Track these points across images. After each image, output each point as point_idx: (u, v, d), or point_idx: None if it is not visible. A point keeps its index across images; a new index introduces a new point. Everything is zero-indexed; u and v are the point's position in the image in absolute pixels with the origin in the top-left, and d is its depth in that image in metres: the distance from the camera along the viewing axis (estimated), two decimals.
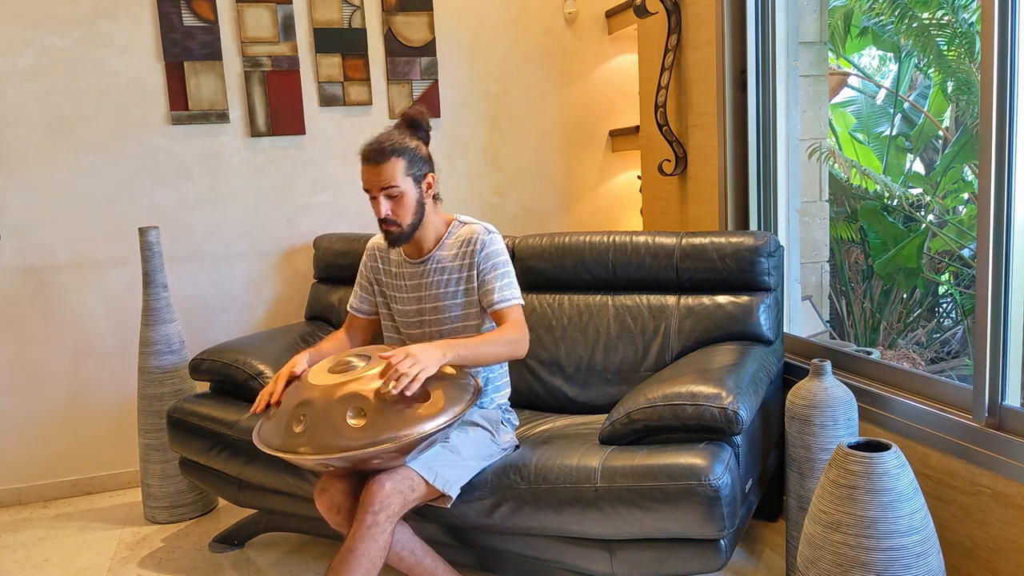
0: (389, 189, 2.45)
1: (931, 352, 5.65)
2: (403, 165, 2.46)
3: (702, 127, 3.39)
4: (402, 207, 2.49)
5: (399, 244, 2.57)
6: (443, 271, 2.60)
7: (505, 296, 2.54)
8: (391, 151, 2.45)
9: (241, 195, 3.78)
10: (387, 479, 2.21)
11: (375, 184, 2.47)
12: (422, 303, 2.63)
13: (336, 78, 3.80)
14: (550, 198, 4.22)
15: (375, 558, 2.17)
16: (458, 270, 2.58)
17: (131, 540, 3.25)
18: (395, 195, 2.47)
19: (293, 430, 2.20)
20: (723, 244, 2.91)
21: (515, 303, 2.55)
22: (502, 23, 4.02)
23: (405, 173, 2.47)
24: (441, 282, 2.60)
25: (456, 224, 2.65)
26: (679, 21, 3.45)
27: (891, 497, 1.86)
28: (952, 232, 5.59)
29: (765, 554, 2.88)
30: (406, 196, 2.48)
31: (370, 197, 2.51)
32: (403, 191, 2.47)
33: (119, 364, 3.72)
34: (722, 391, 2.31)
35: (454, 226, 2.65)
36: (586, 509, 2.26)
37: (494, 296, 2.53)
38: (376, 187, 2.47)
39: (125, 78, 3.58)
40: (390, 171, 2.45)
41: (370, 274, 2.78)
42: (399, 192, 2.46)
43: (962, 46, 5.04)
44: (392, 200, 2.48)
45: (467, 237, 2.59)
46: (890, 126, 6.23)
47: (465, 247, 2.58)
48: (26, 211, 3.53)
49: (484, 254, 2.56)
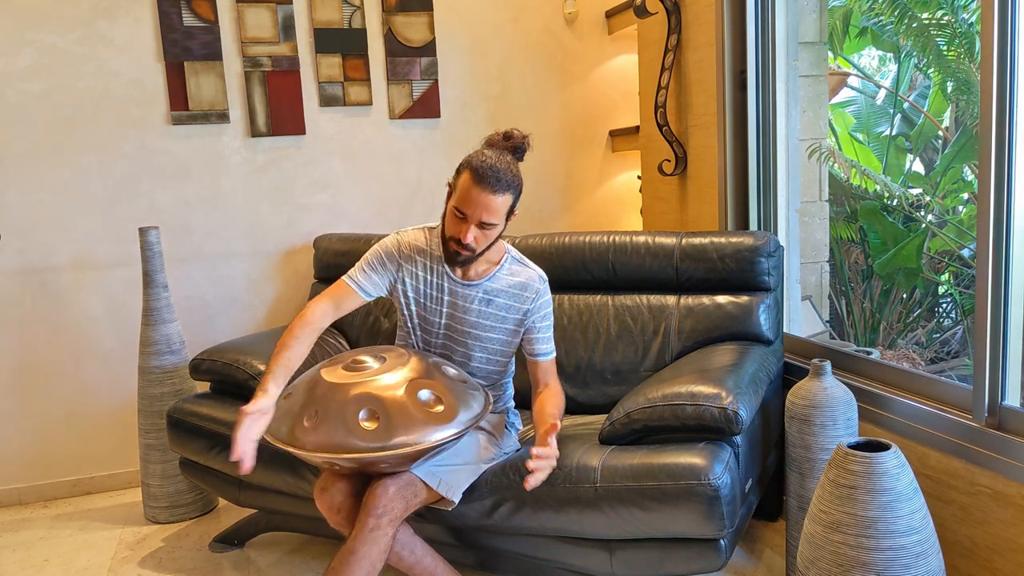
0: (487, 221, 2.34)
1: (931, 352, 5.65)
2: (510, 202, 2.36)
3: (702, 127, 3.39)
4: (487, 238, 2.39)
5: (459, 266, 2.48)
6: (490, 304, 2.53)
7: (549, 349, 2.58)
8: (509, 185, 2.34)
9: (241, 195, 3.78)
10: (392, 483, 2.21)
11: (479, 212, 2.32)
12: (454, 321, 2.55)
13: (336, 78, 3.80)
14: (550, 198, 4.22)
15: (375, 561, 2.17)
16: (506, 309, 2.53)
17: (131, 540, 3.26)
18: (488, 228, 2.36)
19: (303, 424, 2.18)
20: (723, 244, 2.91)
21: (554, 356, 2.61)
22: (502, 23, 4.02)
23: (507, 210, 2.37)
24: (485, 313, 2.53)
25: (509, 258, 2.57)
26: (679, 21, 3.45)
27: (891, 497, 1.86)
28: (952, 232, 5.59)
29: (765, 554, 2.88)
30: (497, 229, 2.39)
31: (457, 215, 2.36)
32: (495, 224, 2.36)
33: (119, 364, 3.72)
34: (722, 391, 2.31)
35: (507, 259, 2.57)
36: (586, 509, 2.26)
37: (541, 347, 2.57)
38: (478, 215, 2.33)
39: (125, 78, 3.58)
40: (501, 206, 2.34)
41: (395, 268, 2.53)
42: (493, 225, 2.36)
43: (962, 46, 5.04)
44: (482, 230, 2.36)
45: (524, 282, 2.54)
46: (890, 126, 6.24)
47: (521, 291, 2.54)
48: (26, 211, 3.53)
49: (538, 304, 2.55)
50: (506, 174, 2.32)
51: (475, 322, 2.53)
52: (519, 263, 2.59)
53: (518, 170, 2.39)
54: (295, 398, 2.28)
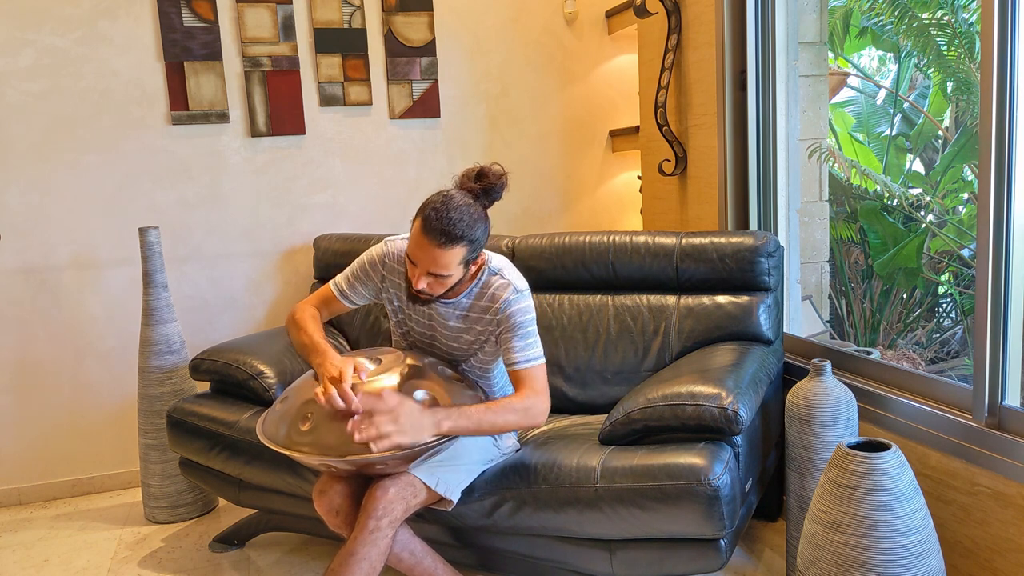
0: (439, 273, 2.27)
1: (931, 352, 5.65)
2: (463, 254, 2.25)
3: (702, 127, 3.39)
4: (441, 287, 2.32)
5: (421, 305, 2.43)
6: (465, 319, 2.46)
7: (525, 357, 2.37)
8: (461, 237, 2.21)
9: (241, 195, 3.78)
10: (391, 485, 2.20)
11: (426, 263, 2.25)
12: (436, 334, 2.53)
13: (336, 78, 3.80)
14: (550, 198, 4.22)
15: (375, 562, 2.17)
16: (478, 321, 2.45)
17: (131, 540, 3.25)
18: (442, 279, 2.29)
19: (299, 427, 2.19)
20: (723, 244, 2.91)
21: (537, 363, 2.38)
22: (502, 23, 4.02)
23: (461, 261, 2.26)
24: (460, 329, 2.48)
25: (487, 271, 2.45)
26: (679, 21, 3.45)
27: (891, 497, 1.86)
28: (952, 232, 5.59)
29: (765, 554, 2.88)
30: (451, 279, 2.30)
31: (410, 261, 2.31)
32: (448, 276, 2.28)
33: (119, 364, 3.72)
34: (722, 391, 2.31)
35: (484, 273, 2.45)
36: (586, 509, 2.26)
37: (515, 356, 2.37)
38: (426, 265, 2.25)
39: (125, 78, 3.58)
40: (450, 259, 2.23)
41: (378, 279, 2.54)
42: (446, 277, 2.28)
43: (962, 46, 5.04)
44: (436, 280, 2.29)
45: (493, 293, 2.42)
46: (890, 126, 6.23)
47: (491, 303, 2.41)
48: (26, 211, 3.53)
49: (507, 314, 2.38)
50: (458, 226, 2.20)
51: (455, 337, 2.49)
52: (496, 274, 2.45)
53: (479, 216, 2.27)
54: (291, 401, 2.28)
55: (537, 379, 2.37)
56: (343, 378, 2.16)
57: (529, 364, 2.37)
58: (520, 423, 2.32)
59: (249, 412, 2.91)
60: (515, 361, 2.37)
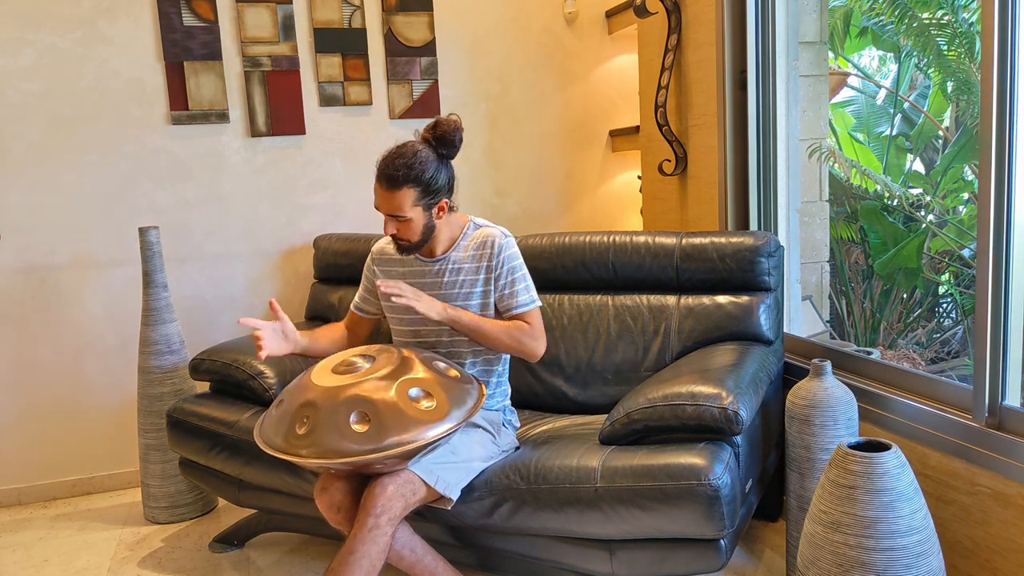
0: (397, 215, 2.42)
1: (931, 352, 5.65)
2: (414, 195, 2.40)
3: (702, 127, 3.39)
4: (409, 230, 2.46)
5: (410, 253, 2.55)
6: (458, 272, 2.57)
7: (522, 301, 2.55)
8: (404, 179, 2.37)
9: (241, 195, 3.78)
10: (389, 482, 2.21)
11: (382, 207, 2.43)
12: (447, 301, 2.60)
13: (336, 78, 3.80)
14: (550, 198, 4.21)
15: (375, 560, 2.17)
16: (474, 272, 2.56)
17: (131, 540, 3.25)
18: (402, 221, 2.44)
19: (296, 431, 2.19)
20: (723, 244, 2.91)
21: (533, 307, 2.57)
22: (502, 23, 4.02)
23: (414, 203, 2.41)
24: (455, 283, 2.57)
25: (471, 226, 2.62)
26: (679, 21, 3.44)
27: (891, 497, 1.86)
28: (952, 232, 5.59)
29: (765, 554, 2.88)
30: (413, 222, 2.44)
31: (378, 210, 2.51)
32: (410, 219, 2.43)
33: (119, 364, 3.72)
34: (722, 391, 2.31)
35: (469, 227, 2.62)
36: (586, 509, 2.26)
37: (511, 301, 2.54)
38: (385, 211, 2.44)
39: (125, 78, 3.58)
40: (398, 201, 2.39)
41: (373, 277, 2.73)
42: (406, 219, 2.43)
43: (962, 46, 5.04)
44: (399, 222, 2.45)
45: (483, 240, 2.57)
46: (890, 126, 6.23)
47: (481, 250, 2.56)
48: (26, 211, 3.53)
49: (501, 258, 2.54)
50: (402, 169, 2.36)
51: (450, 295, 2.57)
52: (480, 227, 2.62)
53: (428, 159, 2.41)
54: (287, 405, 2.28)
55: (536, 320, 2.56)
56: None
57: (527, 307, 2.56)
58: (511, 348, 2.51)
59: (249, 412, 2.91)
60: (514, 305, 2.55)
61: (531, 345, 2.52)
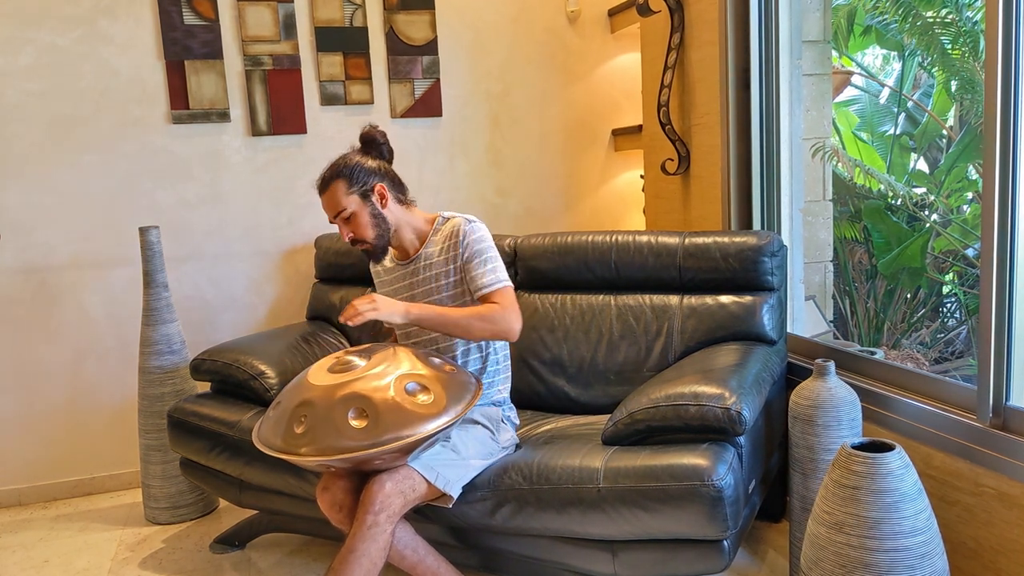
0: (340, 213, 2.51)
1: (935, 352, 5.63)
2: (343, 186, 2.50)
3: (705, 126, 3.38)
4: (359, 225, 2.52)
5: (379, 258, 2.60)
6: (431, 267, 2.60)
7: (488, 281, 2.52)
8: (331, 176, 2.51)
9: (242, 194, 3.77)
10: (388, 479, 2.20)
11: (329, 213, 2.54)
12: (417, 301, 2.62)
13: (337, 77, 3.79)
14: (552, 198, 4.20)
15: (376, 558, 2.16)
16: (444, 264, 2.59)
17: (132, 541, 3.25)
18: (347, 216, 2.51)
19: (294, 431, 2.19)
20: (726, 244, 2.90)
21: (501, 286, 2.53)
22: (504, 22, 4.01)
23: (347, 192, 2.50)
24: (431, 278, 2.60)
25: (440, 220, 2.65)
26: (682, 20, 3.43)
27: (895, 498, 1.85)
28: (956, 231, 5.57)
29: (768, 555, 2.87)
30: (357, 214, 2.51)
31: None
32: (352, 211, 2.50)
33: (119, 364, 3.71)
34: (725, 391, 2.30)
35: (438, 223, 2.65)
36: (589, 510, 2.25)
37: (479, 282, 2.53)
38: (331, 215, 2.54)
39: (125, 77, 3.57)
40: (333, 196, 2.51)
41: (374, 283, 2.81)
42: (349, 213, 2.50)
43: (966, 44, 5.02)
44: (347, 222, 2.52)
45: (450, 231, 2.59)
46: (894, 125, 6.22)
47: (449, 240, 2.58)
48: (26, 211, 3.52)
49: (466, 243, 2.55)
50: (327, 171, 2.53)
51: (428, 290, 2.61)
52: (448, 219, 2.64)
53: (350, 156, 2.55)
54: (284, 405, 2.28)
55: (506, 297, 2.52)
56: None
57: (493, 287, 2.52)
58: (486, 330, 2.47)
59: (250, 412, 2.90)
60: (481, 286, 2.52)
61: (503, 324, 2.47)
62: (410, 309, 2.42)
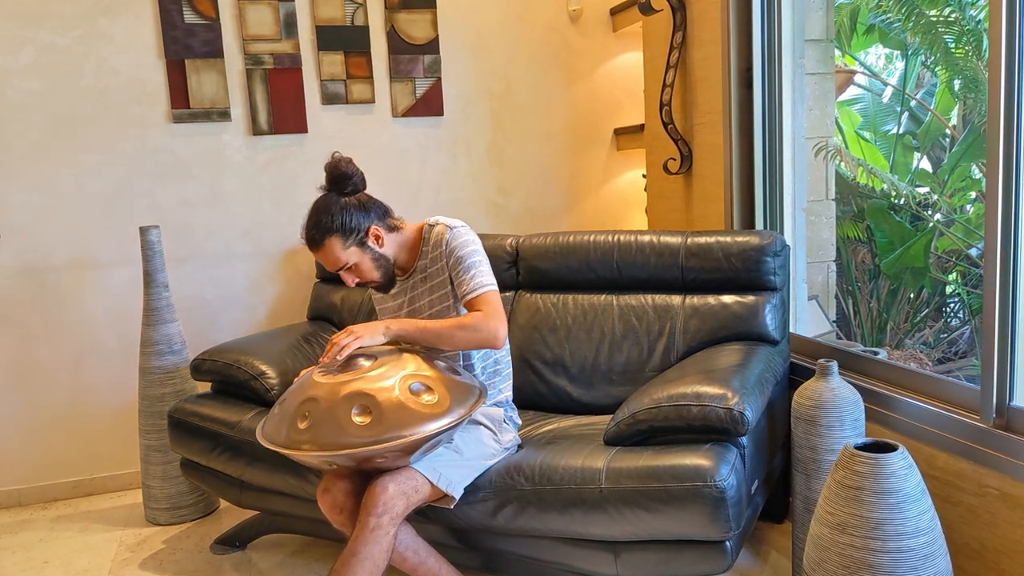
0: (342, 268, 2.47)
1: (938, 352, 5.62)
2: (338, 241, 2.43)
3: (707, 125, 3.37)
4: (363, 272, 2.50)
5: (389, 288, 2.60)
6: (426, 278, 2.58)
7: (471, 288, 2.46)
8: (321, 235, 2.42)
9: (243, 194, 3.76)
10: (390, 480, 2.19)
11: (328, 268, 2.49)
12: (417, 314, 2.61)
13: (338, 76, 3.79)
14: (554, 197, 4.19)
15: (378, 561, 2.15)
16: (437, 273, 2.56)
17: (132, 542, 3.24)
18: (351, 268, 2.47)
19: (297, 427, 2.19)
20: (729, 243, 2.89)
21: (483, 291, 2.46)
22: (506, 21, 4.00)
23: (344, 247, 2.44)
24: (428, 289, 2.58)
25: (427, 229, 2.60)
26: (684, 19, 3.42)
27: (898, 498, 1.84)
28: (959, 231, 5.56)
29: (771, 556, 2.86)
30: (360, 263, 2.48)
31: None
32: (355, 262, 2.47)
33: (120, 364, 3.71)
34: (727, 391, 2.29)
35: (426, 231, 2.59)
36: (591, 510, 2.24)
37: (462, 290, 2.48)
38: (331, 270, 2.49)
39: (126, 76, 3.56)
40: (330, 254, 2.44)
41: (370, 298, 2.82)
42: (352, 264, 2.47)
43: (969, 44, 5.01)
44: (351, 271, 2.49)
45: (437, 240, 2.55)
46: (897, 124, 6.20)
47: (437, 249, 2.55)
48: (26, 211, 3.52)
49: (449, 249, 2.52)
50: (312, 229, 2.43)
51: (428, 302, 2.58)
52: (433, 226, 2.59)
53: (333, 205, 2.44)
54: (289, 402, 2.28)
55: (488, 303, 2.45)
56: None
57: (477, 292, 2.45)
58: (470, 339, 2.41)
59: (251, 413, 2.90)
60: (465, 292, 2.47)
61: (485, 332, 2.40)
62: (390, 326, 2.37)
